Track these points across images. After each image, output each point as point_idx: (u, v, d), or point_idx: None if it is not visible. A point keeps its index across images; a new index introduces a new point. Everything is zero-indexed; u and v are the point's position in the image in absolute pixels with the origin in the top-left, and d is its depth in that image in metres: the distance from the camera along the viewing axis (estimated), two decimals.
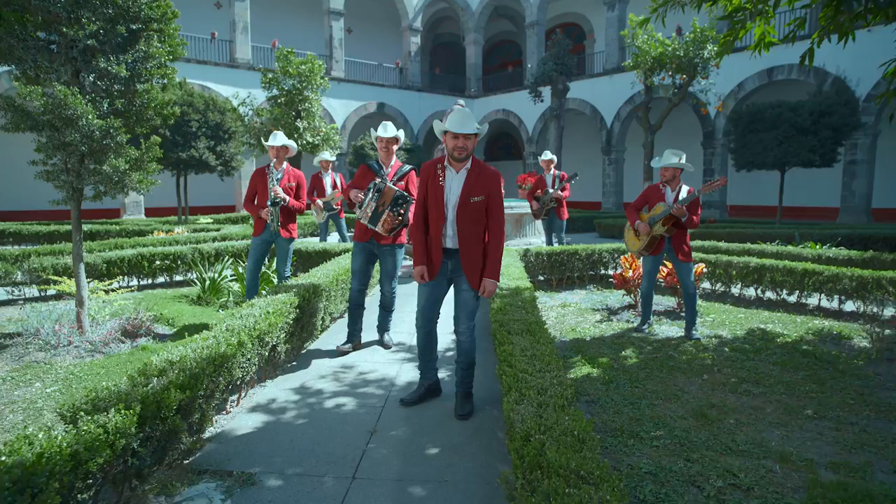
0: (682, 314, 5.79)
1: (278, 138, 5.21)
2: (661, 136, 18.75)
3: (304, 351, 4.58)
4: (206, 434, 3.05)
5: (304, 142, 13.26)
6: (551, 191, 8.18)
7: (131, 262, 7.15)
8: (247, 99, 13.54)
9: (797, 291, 6.06)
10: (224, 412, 3.33)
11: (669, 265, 5.86)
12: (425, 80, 27.11)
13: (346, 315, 4.67)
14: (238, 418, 3.28)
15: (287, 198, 5.17)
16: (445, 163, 3.40)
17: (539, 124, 24.33)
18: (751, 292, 6.69)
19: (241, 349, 3.12)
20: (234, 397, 3.49)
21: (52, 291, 6.47)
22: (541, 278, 7.65)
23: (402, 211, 4.18)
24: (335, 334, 5.11)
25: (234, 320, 3.44)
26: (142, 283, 7.52)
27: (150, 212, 19.05)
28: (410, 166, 4.52)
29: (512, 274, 5.38)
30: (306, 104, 13.12)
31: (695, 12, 13.35)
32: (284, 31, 22.38)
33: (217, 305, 6.34)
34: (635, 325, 5.38)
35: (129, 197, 18.13)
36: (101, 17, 4.30)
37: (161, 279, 7.69)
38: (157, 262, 7.40)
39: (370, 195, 4.20)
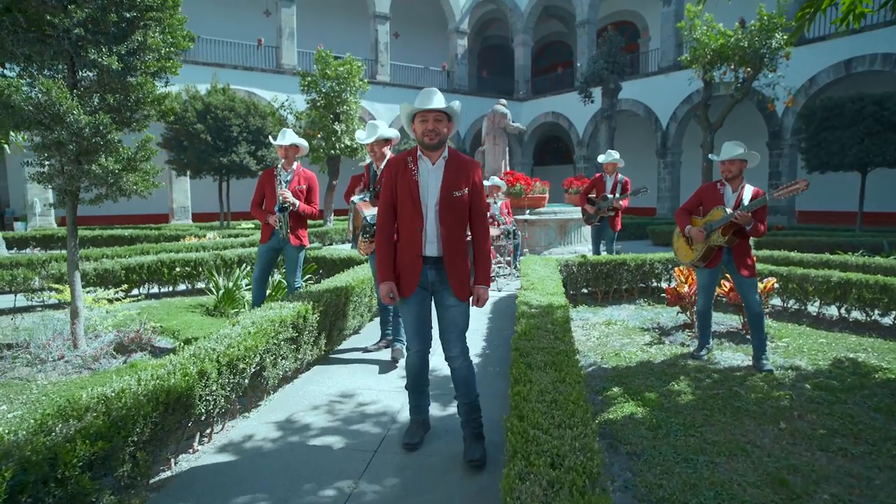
0: (749, 337, 4.94)
1: (287, 136, 4.75)
2: (721, 137, 17.41)
3: (304, 373, 4.07)
4: (157, 477, 2.55)
5: (343, 145, 12.96)
6: (611, 197, 7.33)
7: (151, 268, 6.90)
8: (286, 102, 13.40)
9: (894, 312, 5.09)
10: (190, 450, 2.83)
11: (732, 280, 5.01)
12: (472, 83, 26.58)
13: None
14: (203, 458, 2.77)
15: (297, 202, 4.70)
16: (418, 154, 2.81)
17: (590, 126, 23.32)
18: (832, 311, 5.73)
19: (204, 381, 2.61)
20: (208, 430, 2.99)
21: (69, 298, 6.27)
22: (584, 291, 6.90)
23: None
24: (346, 353, 4.59)
25: (204, 342, 2.94)
26: (162, 290, 7.27)
27: (196, 217, 19.31)
28: None
29: (546, 288, 4.71)
30: (345, 107, 12.82)
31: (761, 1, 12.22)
32: (330, 36, 22.36)
33: (231, 316, 5.95)
34: (691, 349, 4.59)
35: (175, 202, 18.42)
36: (92, 4, 3.96)
37: (182, 286, 7.42)
38: (178, 269, 7.12)
39: (350, 218, 3.67)
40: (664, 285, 7.07)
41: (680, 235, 4.37)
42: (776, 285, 5.42)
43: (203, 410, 2.66)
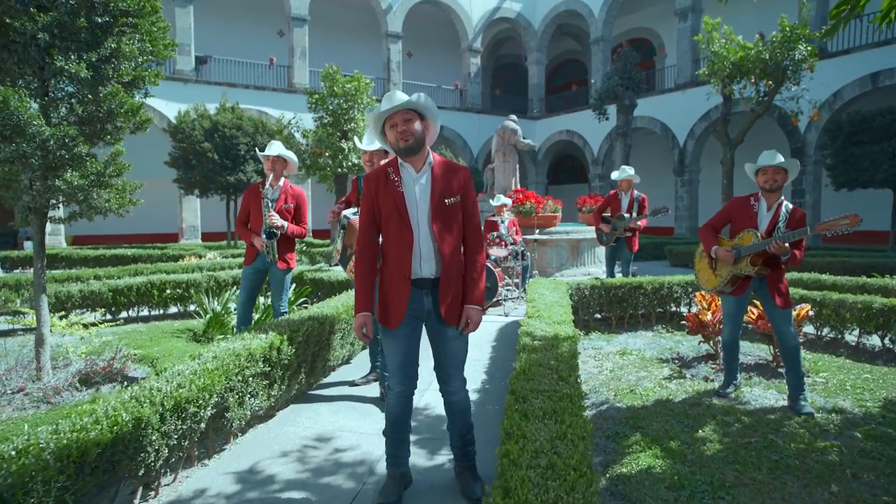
0: (781, 370, 4.43)
1: (274, 147, 4.42)
2: (741, 154, 16.88)
3: (281, 410, 3.65)
4: None
5: (350, 163, 12.71)
6: (628, 216, 6.87)
7: (140, 290, 6.58)
8: (293, 120, 13.24)
9: None
10: None
11: (761, 307, 4.52)
12: (486, 101, 26.40)
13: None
14: None
15: (285, 225, 4.35)
16: (399, 163, 2.48)
17: (605, 144, 22.91)
18: (874, 341, 5.18)
19: (141, 430, 2.21)
20: (155, 483, 2.58)
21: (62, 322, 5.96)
22: (597, 316, 6.42)
23: None
24: (331, 387, 4.17)
25: (150, 381, 2.55)
26: (153, 313, 6.94)
27: (206, 236, 19.18)
28: None
29: (553, 315, 4.26)
30: (352, 124, 12.59)
31: (781, 13, 11.79)
32: (343, 56, 22.37)
33: (218, 342, 5.58)
34: (716, 384, 4.09)
35: (185, 221, 18.31)
36: (61, 8, 3.68)
37: (174, 309, 7.09)
38: (168, 291, 6.80)
39: (336, 233, 3.29)
40: (684, 310, 6.59)
41: (703, 256, 3.90)
42: (811, 313, 4.91)
43: (141, 464, 2.26)
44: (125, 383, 4.27)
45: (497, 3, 24.66)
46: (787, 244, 3.41)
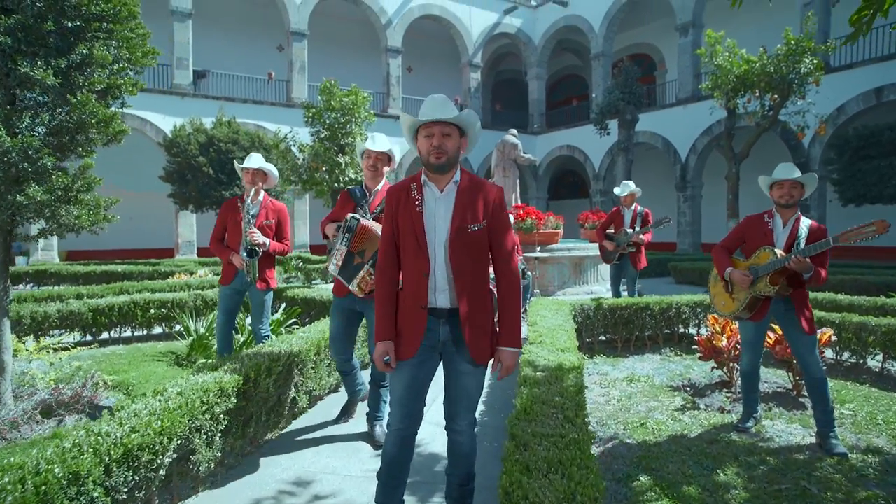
0: (803, 399, 4.11)
1: (253, 159, 4.16)
2: (745, 169, 16.67)
3: (257, 450, 3.33)
4: None
5: (347, 178, 12.46)
6: (630, 231, 6.64)
7: (122, 310, 6.27)
8: (289, 134, 13.05)
9: None
10: None
11: (779, 331, 4.21)
12: (486, 116, 26.28)
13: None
14: None
15: (267, 242, 4.07)
16: (423, 179, 2.24)
17: (606, 159, 22.71)
18: None
19: (77, 487, 1.90)
20: None
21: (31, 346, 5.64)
22: (602, 339, 6.11)
23: None
24: (314, 419, 3.84)
25: (97, 425, 2.24)
26: (136, 333, 6.62)
27: (202, 251, 18.89)
28: None
29: (556, 341, 3.95)
30: (350, 139, 12.37)
31: (782, 28, 11.61)
32: (342, 70, 22.25)
33: (196, 369, 5.26)
34: (733, 416, 3.78)
35: (181, 237, 18.04)
36: (28, 10, 3.43)
37: (159, 330, 6.77)
38: (153, 311, 6.49)
39: (340, 237, 3.01)
40: (693, 332, 6.29)
41: (718, 280, 3.60)
42: (833, 338, 4.59)
43: None
44: (94, 413, 3.96)
45: (497, 19, 24.64)
46: (808, 259, 3.12)
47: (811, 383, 3.27)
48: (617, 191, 7.03)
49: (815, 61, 10.08)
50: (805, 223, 3.36)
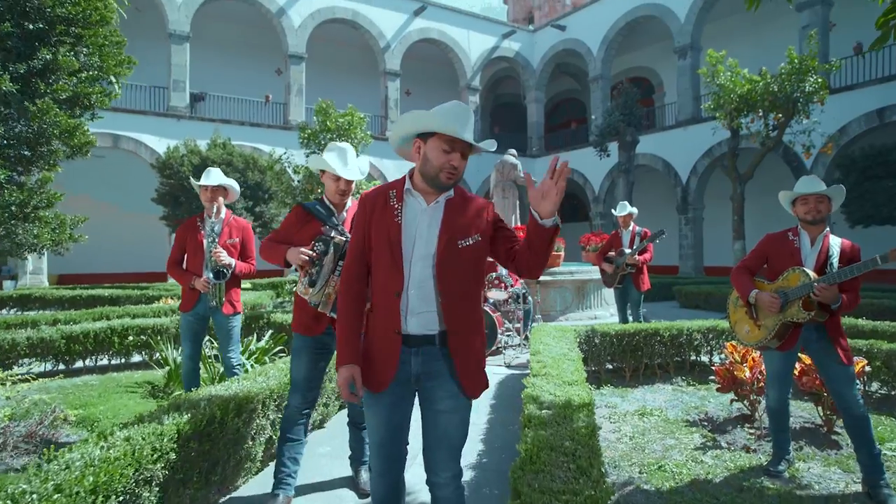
0: (836, 436, 3.73)
1: (212, 175, 3.84)
2: (747, 191, 16.44)
3: (223, 497, 2.93)
4: None
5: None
6: (628, 251, 6.42)
7: (98, 337, 5.89)
8: (283, 155, 12.81)
9: None
10: None
11: (807, 360, 3.84)
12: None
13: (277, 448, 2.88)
14: None
15: (233, 262, 3.73)
16: (406, 187, 1.98)
17: (606, 182, 22.52)
18: None
19: None
20: None
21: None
22: (609, 367, 5.73)
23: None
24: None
25: (15, 482, 1.87)
26: (113, 362, 6.23)
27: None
28: None
29: (563, 373, 3.57)
30: None
31: (780, 50, 11.48)
32: (340, 93, 22.21)
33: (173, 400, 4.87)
34: (759, 456, 3.39)
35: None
36: None
37: (138, 358, 6.38)
38: (131, 338, 6.10)
39: (331, 264, 2.62)
40: (705, 360, 5.92)
41: (740, 305, 3.24)
42: (867, 369, 4.22)
43: None
44: (50, 452, 3.56)
45: (495, 43, 24.72)
46: (837, 286, 2.78)
47: (852, 422, 2.90)
48: (614, 212, 6.88)
49: (819, 80, 9.89)
50: (835, 241, 3.03)
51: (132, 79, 18.17)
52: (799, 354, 3.85)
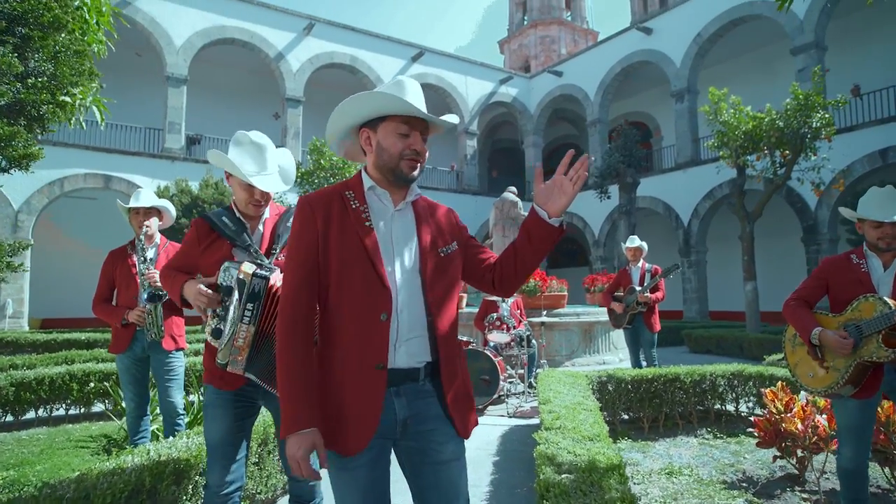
0: None
1: (142, 197, 3.36)
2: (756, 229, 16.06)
3: None
4: None
5: None
6: (639, 289, 5.93)
7: (55, 384, 5.29)
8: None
9: None
10: None
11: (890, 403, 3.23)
12: (482, 183, 26.08)
13: None
14: None
15: None
16: (369, 185, 1.62)
17: (606, 225, 22.20)
18: None
19: None
20: None
21: None
22: (625, 417, 5.13)
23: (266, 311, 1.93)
24: None
25: None
26: (72, 412, 5.60)
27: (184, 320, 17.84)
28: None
29: (580, 427, 2.99)
30: None
31: (777, 92, 11.33)
32: None
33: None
34: None
35: None
36: None
37: (100, 406, 5.75)
38: (92, 385, 5.50)
39: (236, 308, 1.89)
40: (730, 408, 5.33)
41: (799, 343, 2.70)
42: None
43: None
44: None
45: (493, 88, 24.93)
46: None
47: None
48: (623, 244, 6.46)
49: (826, 116, 9.65)
50: None
51: (127, 120, 18.09)
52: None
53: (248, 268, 1.89)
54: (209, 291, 1.99)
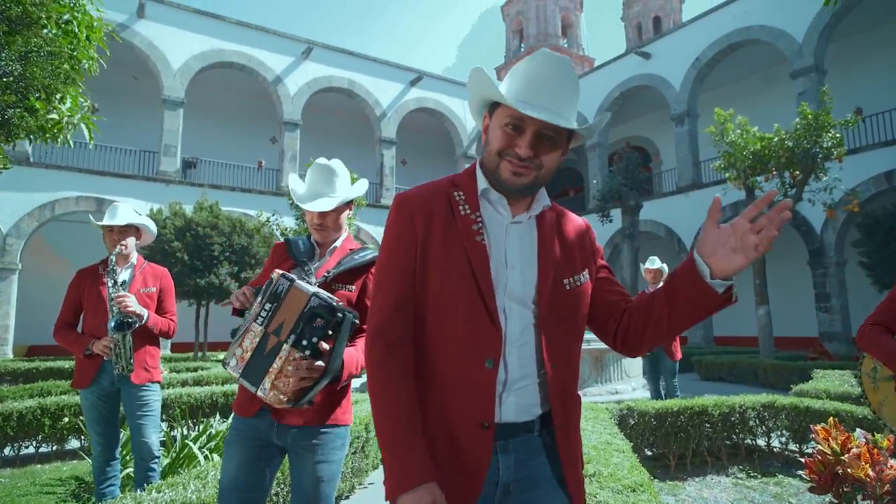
0: None
1: (119, 213, 2.98)
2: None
3: None
4: None
5: None
6: None
7: (24, 419, 4.83)
8: (271, 218, 12.10)
9: None
10: None
11: None
12: None
13: None
14: None
15: (146, 313, 2.82)
16: (483, 187, 1.24)
17: (608, 249, 21.88)
18: None
19: None
20: None
21: None
22: (648, 453, 4.70)
23: (326, 345, 1.65)
24: None
25: None
26: (44, 449, 5.13)
27: (176, 347, 17.31)
28: (374, 253, 1.98)
29: (617, 473, 2.58)
30: None
31: (778, 116, 11.16)
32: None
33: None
34: None
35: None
36: None
37: (75, 443, 5.28)
38: (67, 420, 5.05)
39: (257, 309, 1.69)
40: (760, 442, 4.92)
41: (882, 378, 2.32)
42: None
43: None
44: None
45: None
46: None
47: None
48: (643, 265, 6.12)
49: (837, 136, 9.43)
50: None
51: (122, 143, 17.86)
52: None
53: (278, 271, 1.77)
54: (248, 289, 1.92)
